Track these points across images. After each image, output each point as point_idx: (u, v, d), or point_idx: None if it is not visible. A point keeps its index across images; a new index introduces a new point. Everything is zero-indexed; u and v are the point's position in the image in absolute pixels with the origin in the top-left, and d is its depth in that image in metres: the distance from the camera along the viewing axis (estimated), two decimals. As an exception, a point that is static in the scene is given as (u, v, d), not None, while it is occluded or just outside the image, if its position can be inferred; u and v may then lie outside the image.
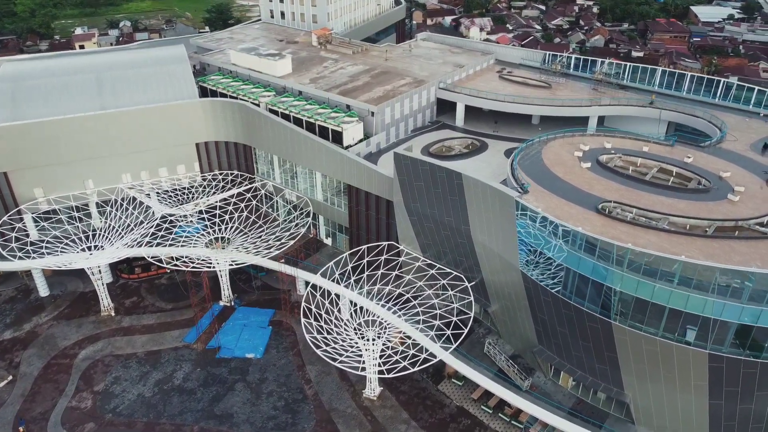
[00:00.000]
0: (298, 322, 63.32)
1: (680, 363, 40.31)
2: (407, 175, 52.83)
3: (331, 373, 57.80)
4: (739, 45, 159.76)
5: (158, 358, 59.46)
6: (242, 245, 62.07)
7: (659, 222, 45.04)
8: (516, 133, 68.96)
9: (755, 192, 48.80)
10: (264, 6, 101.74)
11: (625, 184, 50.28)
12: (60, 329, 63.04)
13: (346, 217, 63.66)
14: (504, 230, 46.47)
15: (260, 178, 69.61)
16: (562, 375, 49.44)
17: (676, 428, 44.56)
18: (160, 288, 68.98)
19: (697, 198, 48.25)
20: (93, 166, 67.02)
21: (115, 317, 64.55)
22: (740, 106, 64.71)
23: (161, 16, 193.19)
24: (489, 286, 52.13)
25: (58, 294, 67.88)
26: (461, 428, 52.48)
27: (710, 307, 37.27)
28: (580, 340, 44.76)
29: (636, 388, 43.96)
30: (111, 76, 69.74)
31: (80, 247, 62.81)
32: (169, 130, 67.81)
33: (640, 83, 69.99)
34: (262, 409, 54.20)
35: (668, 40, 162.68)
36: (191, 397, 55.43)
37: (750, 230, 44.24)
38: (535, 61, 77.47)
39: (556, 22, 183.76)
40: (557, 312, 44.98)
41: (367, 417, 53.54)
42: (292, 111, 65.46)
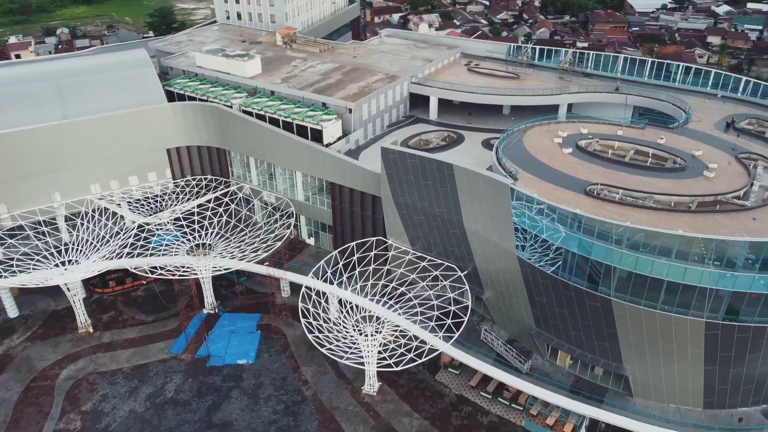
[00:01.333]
0: (287, 325, 62.95)
1: (678, 333, 42.18)
2: (395, 169, 53.05)
3: (328, 373, 57.47)
4: (674, 33, 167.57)
5: (146, 372, 57.59)
6: (226, 250, 60.83)
7: (645, 200, 46.94)
8: (489, 124, 70.30)
9: (726, 168, 51.44)
10: (219, 7, 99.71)
11: (606, 166, 52.11)
12: (36, 350, 60.15)
13: (329, 215, 63.33)
14: (499, 218, 47.35)
15: (236, 181, 68.31)
16: (560, 355, 50.82)
17: (673, 397, 46.60)
18: (138, 300, 66.78)
19: (675, 176, 50.52)
20: (59, 178, 64.21)
21: (94, 334, 62.09)
22: (698, 88, 67.97)
23: (100, 22, 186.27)
24: (482, 274, 52.98)
25: (29, 314, 64.76)
26: (463, 416, 53.17)
27: (707, 278, 39.15)
28: (579, 320, 46.13)
29: (635, 361, 45.69)
30: (72, 83, 66.92)
31: (53, 263, 60.14)
32: (138, 137, 65.69)
33: (603, 70, 72.55)
34: (262, 414, 53.34)
35: (609, 30, 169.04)
36: (186, 408, 53.97)
37: (729, 203, 46.67)
38: (500, 53, 79.09)
39: (501, 16, 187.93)
40: (556, 294, 46.22)
41: (370, 413, 53.51)
42: (267, 111, 64.58)
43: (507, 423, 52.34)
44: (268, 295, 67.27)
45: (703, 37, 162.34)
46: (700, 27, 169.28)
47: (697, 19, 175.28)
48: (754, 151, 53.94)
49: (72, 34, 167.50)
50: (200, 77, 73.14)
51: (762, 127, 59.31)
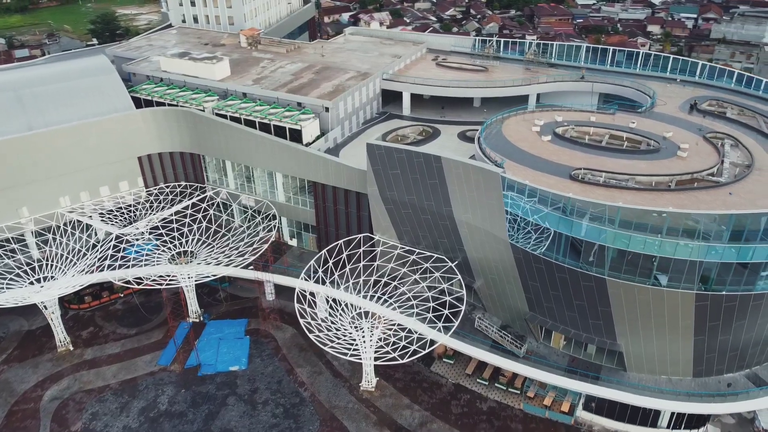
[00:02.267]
0: (276, 328, 62.47)
1: (670, 306, 44.11)
2: (381, 164, 53.29)
3: (323, 372, 57.40)
4: (616, 23, 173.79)
5: (135, 386, 56.12)
6: (209, 257, 59.70)
7: (627, 182, 48.81)
8: (462, 116, 71.44)
9: (695, 147, 53.96)
10: (174, 11, 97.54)
11: (585, 151, 53.83)
12: (14, 373, 57.71)
13: (312, 215, 62.99)
14: (490, 206, 48.28)
15: (212, 186, 67.05)
16: (554, 336, 52.24)
17: (665, 368, 48.68)
18: (117, 314, 64.95)
19: (651, 157, 52.67)
20: (26, 192, 61.54)
21: (75, 351, 60.08)
22: (658, 74, 70.97)
23: (38, 30, 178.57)
24: (473, 263, 53.87)
25: (1, 336, 61.97)
26: (462, 403, 54.08)
27: (696, 251, 41.10)
28: (573, 300, 47.57)
29: (628, 337, 47.49)
30: (32, 93, 64.12)
31: (28, 281, 57.67)
32: (107, 146, 63.63)
33: (567, 60, 74.77)
34: (262, 419, 52.81)
35: (555, 22, 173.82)
36: (183, 419, 52.89)
37: (705, 180, 49.06)
38: (466, 47, 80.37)
39: (450, 12, 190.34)
40: (550, 277, 47.50)
41: (370, 408, 53.74)
42: (242, 114, 63.61)
43: (506, 407, 53.60)
44: (252, 300, 66.60)
45: (643, 27, 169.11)
46: (639, 17, 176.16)
47: (636, 9, 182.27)
48: (718, 131, 56.68)
49: (9, 44, 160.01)
50: (166, 82, 71.35)
51: (721, 108, 62.42)
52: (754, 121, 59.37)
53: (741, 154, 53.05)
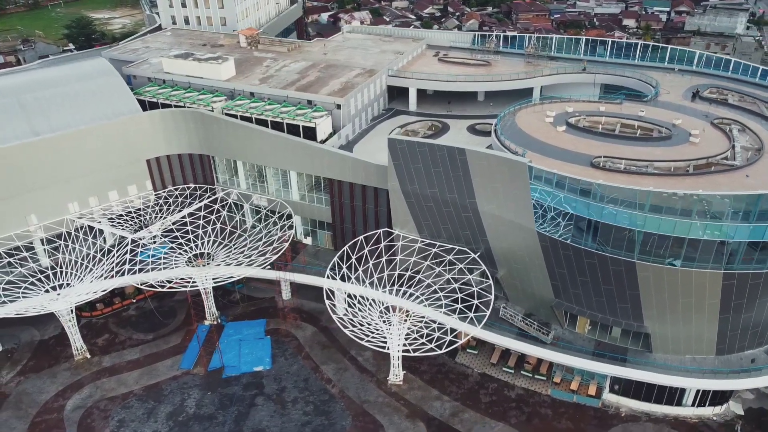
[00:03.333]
0: (296, 327, 62.28)
1: (698, 286, 45.47)
2: (403, 159, 53.63)
3: (349, 369, 57.54)
4: (593, 18, 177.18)
5: (160, 391, 55.43)
6: (228, 258, 59.25)
7: (647, 168, 50.11)
8: (468, 111, 72.24)
9: (705, 133, 55.59)
10: (164, 12, 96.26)
11: (600, 140, 54.97)
12: (32, 384, 56.48)
13: (328, 212, 62.97)
14: (516, 196, 49.04)
15: (222, 187, 66.49)
16: (578, 322, 53.29)
17: (689, 347, 50.14)
18: (131, 320, 63.99)
19: (664, 144, 54.13)
20: (34, 199, 60.23)
21: (93, 359, 59.05)
22: (656, 64, 72.82)
23: (10, 36, 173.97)
24: (496, 253, 54.57)
25: (13, 347, 60.64)
26: (490, 392, 54.82)
27: (725, 231, 42.49)
28: (602, 285, 48.65)
29: (655, 318, 48.76)
30: (35, 98, 62.71)
31: (43, 289, 56.47)
32: (115, 149, 62.64)
33: (567, 53, 76.17)
34: (293, 417, 52.72)
35: (533, 18, 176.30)
36: (213, 422, 52.47)
37: (720, 164, 50.65)
38: (465, 43, 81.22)
39: (428, 10, 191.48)
40: (578, 263, 48.48)
41: (400, 401, 54.06)
42: (253, 113, 63.28)
43: (533, 393, 54.48)
44: (267, 300, 66.31)
45: (619, 21, 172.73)
46: (614, 11, 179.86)
47: (610, 4, 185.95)
48: (724, 117, 58.51)
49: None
50: (170, 83, 70.47)
51: (722, 95, 64.39)
52: (755, 106, 61.42)
53: (749, 138, 54.85)
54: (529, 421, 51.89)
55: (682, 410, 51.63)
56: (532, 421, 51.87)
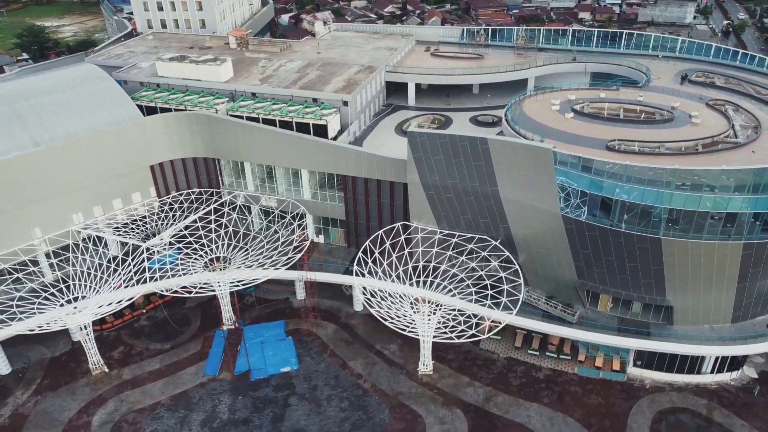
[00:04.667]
0: (317, 326, 62.13)
1: (719, 258, 47.99)
2: (423, 151, 54.33)
3: (377, 363, 57.89)
4: (550, 12, 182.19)
5: (188, 399, 54.41)
6: (247, 260, 58.61)
7: (659, 148, 52.44)
8: (466, 103, 73.62)
9: (703, 114, 58.51)
10: (140, 17, 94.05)
11: (607, 124, 57.16)
12: (51, 402, 54.50)
13: (341, 209, 63.01)
14: (540, 182, 50.49)
15: (228, 190, 65.60)
16: (600, 300, 55.21)
17: (708, 317, 52.78)
18: (144, 331, 62.43)
19: (669, 126, 56.68)
20: (38, 212, 58.05)
21: (111, 373, 57.40)
22: (641, 51, 75.95)
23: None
24: (517, 239, 55.91)
25: (24, 366, 58.33)
26: (519, 375, 56.16)
27: (746, 204, 45.02)
28: (626, 263, 50.63)
29: (678, 291, 51.10)
30: (30, 107, 60.38)
31: (58, 303, 54.52)
32: (119, 157, 60.99)
33: (554, 44, 78.55)
34: (330, 415, 52.68)
35: (492, 14, 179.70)
36: (249, 425, 51.97)
37: (725, 142, 53.47)
38: (454, 37, 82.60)
39: (389, 9, 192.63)
40: (603, 243, 50.32)
41: (433, 390, 54.76)
42: (260, 113, 62.71)
43: (561, 373, 56.11)
44: (282, 301, 65.88)
45: (575, 14, 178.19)
46: (569, 5, 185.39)
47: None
48: (717, 98, 61.70)
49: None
50: (165, 87, 68.93)
51: (709, 78, 67.84)
52: (740, 87, 65.00)
53: (745, 117, 58.06)
54: (561, 399, 53.46)
55: (702, 378, 54.22)
56: (564, 399, 53.47)
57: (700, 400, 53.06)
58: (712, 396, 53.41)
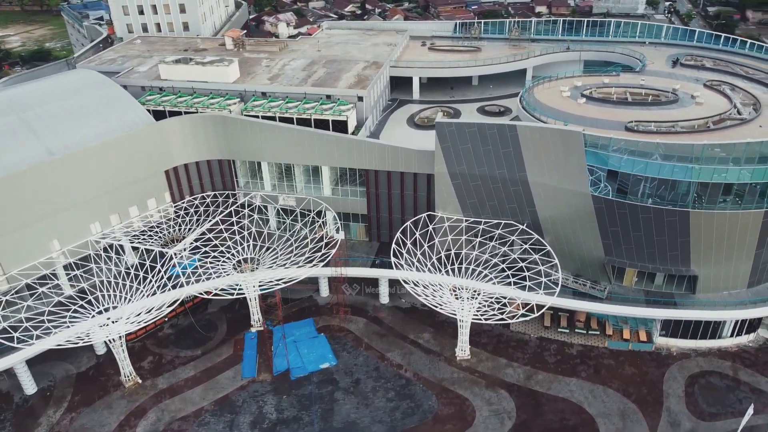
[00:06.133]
0: (347, 321, 62.38)
1: (742, 226, 51.13)
2: (451, 141, 55.49)
3: (414, 352, 58.67)
4: (507, 7, 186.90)
5: (232, 403, 53.78)
6: (278, 260, 58.31)
7: (674, 127, 55.33)
8: (468, 95, 75.25)
9: (704, 94, 61.95)
10: (119, 21, 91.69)
11: (619, 107, 59.83)
12: (88, 418, 52.83)
13: (362, 204, 63.43)
14: (570, 164, 52.46)
15: (244, 192, 64.96)
16: (626, 274, 57.72)
17: (727, 284, 56.05)
18: (170, 339, 61.18)
19: (676, 106, 59.80)
20: (55, 223, 56.15)
21: (145, 383, 56.00)
22: (628, 39, 79.49)
23: None
24: (544, 222, 57.74)
25: (50, 384, 56.23)
26: (553, 353, 58.07)
27: None
28: (654, 237, 53.20)
29: (702, 261, 54.06)
30: (37, 116, 58.31)
31: (90, 315, 52.91)
32: (135, 162, 59.62)
33: (545, 34, 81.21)
34: (379, 406, 53.15)
35: (453, 11, 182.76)
36: (300, 423, 51.85)
37: (732, 119, 56.88)
38: (447, 32, 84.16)
39: (349, 9, 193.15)
40: (633, 219, 52.72)
41: (475, 374, 56.01)
42: (276, 112, 62.43)
43: (592, 348, 58.35)
44: (306, 300, 65.72)
45: (532, 9, 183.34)
46: (526, 0, 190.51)
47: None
48: (713, 79, 65.42)
49: None
50: (170, 90, 67.57)
51: (698, 61, 71.76)
52: (729, 68, 69.08)
53: (742, 95, 61.84)
54: (597, 372, 55.64)
55: (723, 342, 57.45)
56: (600, 372, 55.66)
57: (725, 362, 56.28)
58: (734, 358, 56.71)
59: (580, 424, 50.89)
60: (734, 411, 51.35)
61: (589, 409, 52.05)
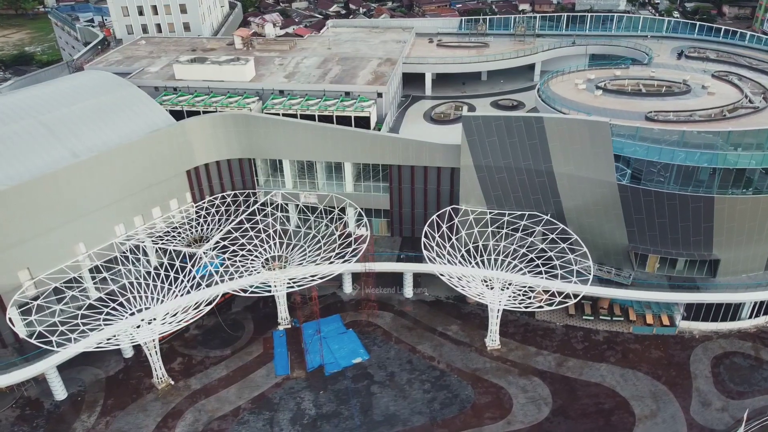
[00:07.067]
0: (374, 316, 62.78)
1: (763, 210, 52.93)
2: (478, 134, 56.28)
3: (445, 344, 59.34)
4: (492, 5, 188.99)
5: (269, 401, 53.79)
6: (306, 257, 58.40)
7: (692, 116, 57.02)
8: (479, 90, 76.18)
9: (714, 85, 63.87)
10: (119, 23, 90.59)
11: (635, 99, 61.46)
12: (124, 421, 52.28)
13: (385, 199, 63.84)
14: (597, 154, 53.65)
15: (266, 190, 64.85)
16: (648, 261, 59.19)
17: (746, 267, 57.91)
18: (198, 339, 60.80)
19: (689, 96, 61.61)
20: (81, 226, 55.30)
21: (178, 384, 55.57)
22: (630, 33, 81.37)
23: None
24: (568, 212, 58.83)
25: (80, 390, 55.49)
26: (581, 339, 59.29)
27: (791, 158, 50.15)
28: (679, 223, 54.73)
29: (724, 245, 55.77)
30: (56, 118, 57.36)
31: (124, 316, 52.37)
32: (158, 163, 59.05)
33: (549, 29, 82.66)
34: (416, 397, 53.68)
35: (438, 9, 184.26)
36: (340, 418, 52.11)
37: (745, 107, 58.82)
38: (452, 28, 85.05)
39: (333, 9, 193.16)
40: (658, 206, 54.15)
41: (507, 363, 56.90)
42: (298, 110, 62.45)
43: (617, 334, 59.72)
44: (329, 297, 65.84)
45: (515, 6, 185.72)
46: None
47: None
48: (720, 70, 67.50)
49: None
50: (185, 90, 67.03)
51: (701, 53, 73.89)
52: (732, 59, 71.33)
53: (750, 85, 63.95)
54: (625, 357, 56.99)
55: (742, 323, 59.32)
56: (628, 356, 57.03)
57: (746, 343, 58.16)
58: (754, 339, 58.64)
59: (615, 407, 52.10)
60: (761, 389, 53.20)
61: (622, 392, 53.32)
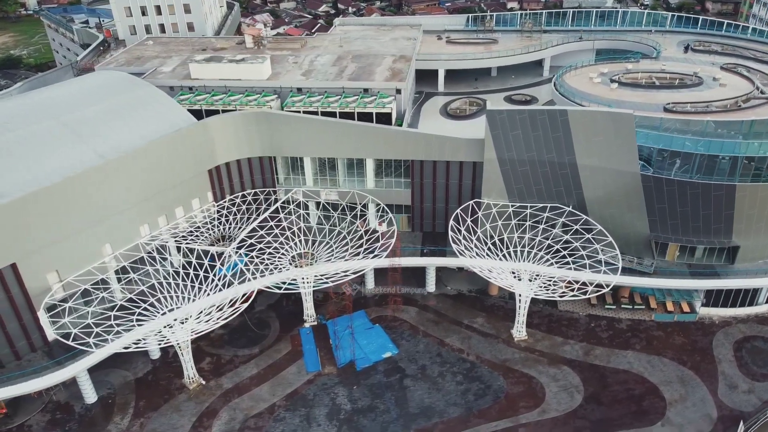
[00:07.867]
0: (399, 310, 63.18)
1: (782, 196, 54.55)
2: (502, 128, 56.96)
3: (472, 336, 59.94)
4: (480, 3, 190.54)
5: (303, 397, 53.90)
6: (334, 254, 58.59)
7: (709, 107, 58.42)
8: (490, 85, 76.95)
9: (724, 77, 65.44)
10: (121, 23, 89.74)
11: (649, 91, 62.86)
12: (158, 422, 51.99)
13: (406, 195, 64.23)
14: (621, 146, 54.66)
15: (286, 188, 64.84)
16: (669, 250, 60.43)
17: (764, 252, 59.45)
18: (225, 339, 60.63)
19: (702, 88, 63.10)
20: (108, 227, 54.83)
21: (209, 384, 55.40)
22: (634, 28, 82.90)
23: None
24: (590, 203, 59.79)
25: (110, 392, 55.01)
26: (604, 328, 60.37)
27: (812, 145, 51.69)
28: (701, 212, 56.02)
29: (743, 233, 57.19)
30: (76, 119, 56.74)
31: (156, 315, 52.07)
32: (182, 162, 58.75)
33: (555, 25, 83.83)
34: (450, 389, 54.23)
35: (428, 8, 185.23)
36: (376, 411, 52.45)
37: (758, 97, 60.41)
38: (459, 25, 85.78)
39: (323, 9, 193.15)
40: (681, 195, 55.37)
41: (535, 353, 57.69)
42: (318, 107, 62.57)
43: (640, 322, 60.89)
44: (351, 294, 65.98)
45: (503, 5, 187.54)
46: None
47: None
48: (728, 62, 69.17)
49: None
50: (202, 90, 66.69)
51: (706, 46, 75.61)
52: (737, 52, 73.14)
53: (760, 76, 65.65)
54: (650, 344, 58.16)
55: (759, 308, 60.92)
56: (652, 343, 58.21)
57: (764, 327, 59.73)
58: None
59: (645, 392, 53.16)
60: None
61: (651, 378, 54.43)
